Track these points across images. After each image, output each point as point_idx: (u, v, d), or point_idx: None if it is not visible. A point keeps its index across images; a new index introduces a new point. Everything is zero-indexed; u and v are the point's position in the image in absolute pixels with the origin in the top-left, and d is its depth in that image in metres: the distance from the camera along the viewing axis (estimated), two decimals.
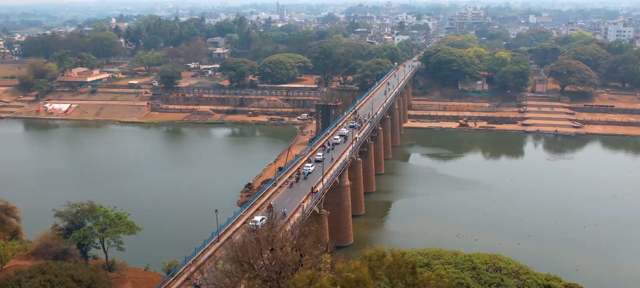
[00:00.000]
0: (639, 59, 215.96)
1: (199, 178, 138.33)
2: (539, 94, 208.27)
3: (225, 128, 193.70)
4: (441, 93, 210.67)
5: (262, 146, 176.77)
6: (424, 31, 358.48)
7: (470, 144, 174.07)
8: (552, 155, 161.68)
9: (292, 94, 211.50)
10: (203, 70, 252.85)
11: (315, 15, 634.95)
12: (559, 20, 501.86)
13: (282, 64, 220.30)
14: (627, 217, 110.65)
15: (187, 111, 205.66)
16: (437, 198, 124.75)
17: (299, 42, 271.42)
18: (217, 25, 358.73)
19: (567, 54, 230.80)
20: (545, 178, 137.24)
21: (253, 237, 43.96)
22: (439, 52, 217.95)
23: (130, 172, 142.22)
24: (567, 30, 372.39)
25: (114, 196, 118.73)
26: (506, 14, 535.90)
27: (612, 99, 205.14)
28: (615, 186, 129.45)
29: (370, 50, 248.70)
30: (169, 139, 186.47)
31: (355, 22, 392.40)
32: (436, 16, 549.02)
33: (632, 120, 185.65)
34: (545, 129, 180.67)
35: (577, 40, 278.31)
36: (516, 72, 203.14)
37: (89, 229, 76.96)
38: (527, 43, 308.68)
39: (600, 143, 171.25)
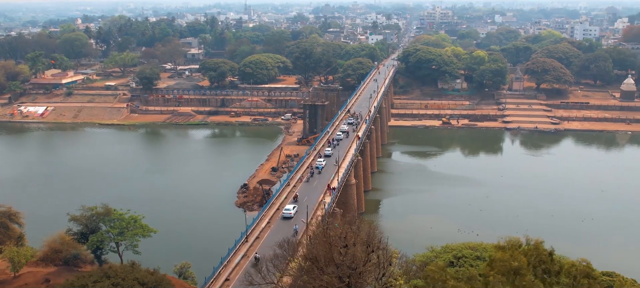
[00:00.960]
0: (609, 57, 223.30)
1: (191, 180, 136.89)
2: (516, 92, 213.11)
3: (208, 129, 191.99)
4: (421, 92, 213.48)
5: (248, 147, 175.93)
6: (396, 31, 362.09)
7: (455, 142, 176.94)
8: (536, 151, 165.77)
9: (273, 94, 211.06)
10: (180, 71, 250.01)
11: (283, 15, 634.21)
12: (522, 19, 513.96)
13: (262, 64, 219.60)
14: (620, 210, 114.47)
15: (168, 112, 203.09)
16: (431, 195, 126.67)
17: (276, 42, 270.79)
18: (188, 25, 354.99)
19: (540, 53, 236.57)
20: (534, 174, 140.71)
21: (325, 234, 44.19)
22: (418, 51, 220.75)
23: (119, 175, 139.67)
24: (534, 29, 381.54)
25: (106, 200, 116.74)
26: (472, 13, 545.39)
27: (586, 96, 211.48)
28: (601, 181, 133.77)
29: (348, 50, 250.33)
30: (152, 141, 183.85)
31: (327, 22, 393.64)
32: (403, 16, 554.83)
33: (607, 116, 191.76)
34: (525, 125, 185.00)
35: (547, 39, 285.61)
36: (494, 70, 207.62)
37: (106, 233, 75.51)
38: (497, 42, 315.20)
39: (579, 139, 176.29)
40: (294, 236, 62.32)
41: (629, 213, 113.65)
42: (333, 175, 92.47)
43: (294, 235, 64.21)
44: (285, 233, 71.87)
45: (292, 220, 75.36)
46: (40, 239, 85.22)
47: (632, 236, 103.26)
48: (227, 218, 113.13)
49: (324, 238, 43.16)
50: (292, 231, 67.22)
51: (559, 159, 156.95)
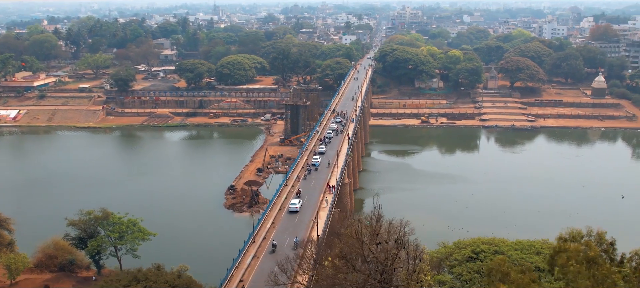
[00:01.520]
0: (580, 55, 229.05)
1: (176, 183, 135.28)
2: (491, 90, 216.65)
3: (187, 131, 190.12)
4: (399, 91, 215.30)
5: (230, 148, 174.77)
6: (368, 31, 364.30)
7: (435, 140, 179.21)
8: (515, 148, 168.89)
9: (252, 94, 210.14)
10: (154, 72, 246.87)
11: (252, 15, 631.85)
12: (489, 19, 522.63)
13: (240, 65, 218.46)
14: (602, 206, 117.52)
15: (145, 115, 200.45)
16: (418, 193, 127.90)
17: (251, 42, 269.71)
18: (160, 26, 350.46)
19: (513, 52, 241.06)
20: (516, 171, 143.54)
21: (355, 231, 44.40)
22: (395, 51, 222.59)
23: (101, 180, 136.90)
24: (503, 28, 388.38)
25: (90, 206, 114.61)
26: (440, 13, 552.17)
27: (558, 93, 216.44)
28: (580, 176, 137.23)
29: (324, 50, 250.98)
30: (132, 144, 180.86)
31: (300, 23, 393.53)
32: (373, 16, 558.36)
33: (580, 113, 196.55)
34: (502, 123, 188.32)
35: (518, 38, 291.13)
36: (470, 69, 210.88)
37: (106, 237, 74.24)
38: (468, 41, 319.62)
39: (555, 136, 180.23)
40: (296, 249, 60.97)
41: (611, 207, 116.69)
42: (329, 174, 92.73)
43: (296, 247, 62.15)
44: (292, 226, 72.32)
45: (298, 213, 77.55)
46: (28, 245, 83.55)
47: (620, 230, 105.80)
48: (218, 220, 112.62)
49: (355, 235, 43.44)
50: (293, 243, 65.05)
51: (538, 156, 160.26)
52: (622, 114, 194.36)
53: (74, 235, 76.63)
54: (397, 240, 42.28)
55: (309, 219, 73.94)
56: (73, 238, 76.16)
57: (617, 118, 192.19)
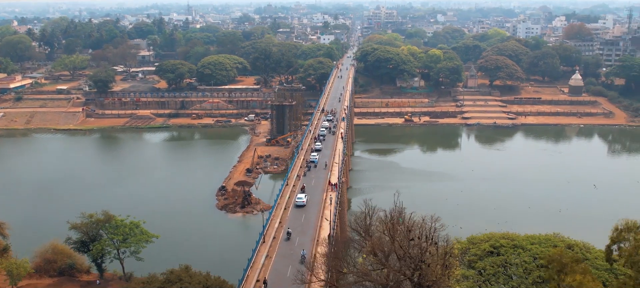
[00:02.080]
0: (556, 54, 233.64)
1: (165, 185, 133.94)
2: (472, 89, 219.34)
3: (170, 132, 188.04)
4: (381, 90, 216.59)
5: (216, 149, 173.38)
6: (346, 31, 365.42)
7: (420, 138, 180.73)
8: (498, 145, 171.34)
9: (234, 95, 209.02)
10: (133, 73, 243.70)
11: (225, 15, 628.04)
12: (462, 18, 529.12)
13: (221, 65, 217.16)
14: (589, 200, 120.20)
15: (126, 116, 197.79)
16: (408, 191, 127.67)
17: (230, 43, 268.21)
18: (135, 27, 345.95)
19: (491, 51, 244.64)
20: (502, 168, 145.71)
21: (386, 228, 44.69)
22: (377, 50, 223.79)
23: (88, 183, 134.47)
24: (477, 28, 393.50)
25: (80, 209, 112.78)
26: (414, 13, 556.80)
27: (537, 91, 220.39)
28: (565, 172, 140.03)
29: (304, 50, 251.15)
30: (115, 146, 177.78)
31: (277, 23, 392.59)
32: (347, 16, 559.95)
33: (559, 110, 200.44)
34: (484, 121, 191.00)
35: (494, 38, 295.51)
36: (451, 68, 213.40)
37: (109, 240, 73.14)
38: (444, 41, 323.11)
39: (536, 133, 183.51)
40: (302, 263, 60.22)
41: (597, 202, 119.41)
42: (329, 173, 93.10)
43: (302, 261, 60.38)
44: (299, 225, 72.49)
45: (304, 207, 79.38)
46: (21, 250, 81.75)
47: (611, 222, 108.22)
48: (211, 221, 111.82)
49: (389, 232, 43.78)
50: (299, 257, 62.76)
51: (522, 153, 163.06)
52: (599, 110, 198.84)
53: (75, 239, 75.16)
54: (429, 236, 42.79)
55: (317, 216, 74.23)
56: (75, 242, 74.76)
57: (595, 115, 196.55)
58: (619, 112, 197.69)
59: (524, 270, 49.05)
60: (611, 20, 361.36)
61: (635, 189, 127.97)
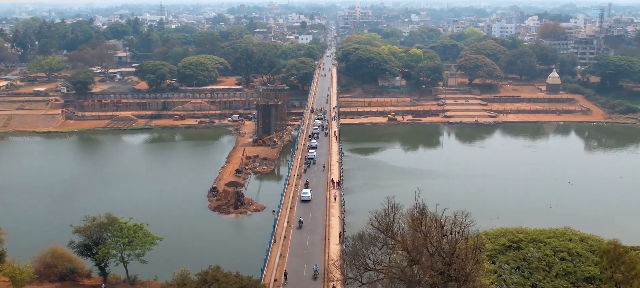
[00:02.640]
0: (533, 53, 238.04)
1: (154, 186, 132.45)
2: (452, 88, 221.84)
3: (153, 133, 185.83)
4: (363, 90, 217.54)
5: (201, 150, 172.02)
6: (323, 30, 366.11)
7: (404, 137, 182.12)
8: (482, 143, 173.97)
9: (216, 95, 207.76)
10: (111, 74, 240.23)
11: (199, 15, 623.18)
12: (435, 18, 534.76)
13: (203, 66, 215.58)
14: (576, 196, 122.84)
15: (107, 118, 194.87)
16: (398, 190, 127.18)
17: (209, 43, 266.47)
18: (110, 27, 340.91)
19: (469, 50, 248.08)
20: (488, 165, 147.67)
21: (418, 224, 45.13)
22: (358, 50, 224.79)
23: (76, 186, 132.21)
24: (452, 27, 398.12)
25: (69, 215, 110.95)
26: (389, 13, 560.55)
27: (515, 89, 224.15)
28: (550, 168, 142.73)
29: (284, 50, 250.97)
30: (97, 149, 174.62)
31: (253, 23, 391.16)
32: (321, 16, 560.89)
33: (538, 108, 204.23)
34: (466, 119, 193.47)
35: (471, 37, 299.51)
36: (432, 67, 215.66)
37: (114, 243, 72.10)
38: (420, 40, 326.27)
39: (518, 130, 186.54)
40: (316, 279, 59.94)
41: (584, 197, 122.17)
42: (328, 172, 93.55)
43: (315, 277, 59.57)
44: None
45: (309, 202, 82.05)
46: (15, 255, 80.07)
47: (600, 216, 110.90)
48: (205, 223, 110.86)
49: (421, 228, 44.28)
50: (312, 271, 61.67)
51: (506, 150, 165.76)
52: (577, 108, 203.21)
53: (78, 243, 73.89)
54: (461, 232, 43.42)
55: (323, 213, 74.67)
56: (78, 246, 73.48)
57: (573, 112, 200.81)
58: (596, 109, 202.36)
59: (547, 263, 50.06)
60: (582, 20, 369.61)
61: (620, 184, 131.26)
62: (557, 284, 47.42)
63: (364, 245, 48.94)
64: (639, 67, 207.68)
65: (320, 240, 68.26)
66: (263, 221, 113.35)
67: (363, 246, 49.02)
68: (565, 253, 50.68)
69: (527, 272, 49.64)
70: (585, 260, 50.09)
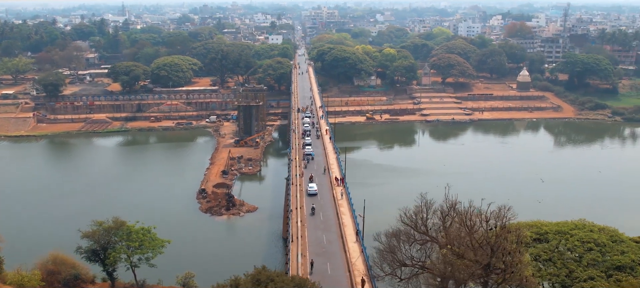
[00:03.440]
0: (503, 51, 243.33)
1: (140, 189, 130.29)
2: (426, 86, 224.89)
3: (130, 136, 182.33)
4: (339, 89, 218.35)
5: (183, 152, 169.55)
6: (292, 30, 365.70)
7: (384, 136, 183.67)
8: (460, 140, 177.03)
9: (192, 96, 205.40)
10: (80, 76, 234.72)
11: (161, 16, 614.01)
12: (399, 18, 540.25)
13: (177, 67, 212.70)
14: (562, 191, 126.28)
15: (80, 121, 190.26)
16: (387, 188, 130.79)
17: (180, 43, 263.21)
18: (75, 28, 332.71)
19: (440, 49, 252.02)
20: (471, 162, 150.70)
21: (463, 220, 45.84)
22: (333, 50, 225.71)
23: (59, 192, 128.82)
24: (419, 27, 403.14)
25: (54, 221, 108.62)
26: (354, 13, 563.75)
27: (487, 88, 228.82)
28: (531, 165, 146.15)
29: (257, 50, 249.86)
30: (74, 152, 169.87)
31: (221, 23, 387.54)
32: (286, 16, 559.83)
33: (511, 106, 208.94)
34: (443, 117, 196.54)
35: (439, 36, 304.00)
36: (407, 66, 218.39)
37: (124, 247, 70.68)
38: (389, 40, 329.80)
39: (493, 127, 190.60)
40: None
41: (570, 191, 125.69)
42: (328, 173, 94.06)
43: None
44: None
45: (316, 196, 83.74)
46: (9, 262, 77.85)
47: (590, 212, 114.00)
48: (199, 225, 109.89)
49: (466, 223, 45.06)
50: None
51: (485, 147, 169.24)
52: (548, 105, 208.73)
53: (85, 248, 72.17)
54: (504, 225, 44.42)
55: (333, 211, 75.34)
56: (86, 251, 71.77)
57: (545, 109, 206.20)
58: (566, 105, 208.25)
59: (578, 254, 51.63)
60: (544, 19, 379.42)
61: (600, 179, 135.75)
62: (591, 273, 49.03)
63: (401, 242, 49.46)
64: (606, 65, 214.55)
65: (336, 239, 68.50)
66: (257, 222, 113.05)
67: (399, 243, 49.52)
68: (592, 244, 52.33)
69: (560, 263, 51.09)
70: (611, 249, 51.89)
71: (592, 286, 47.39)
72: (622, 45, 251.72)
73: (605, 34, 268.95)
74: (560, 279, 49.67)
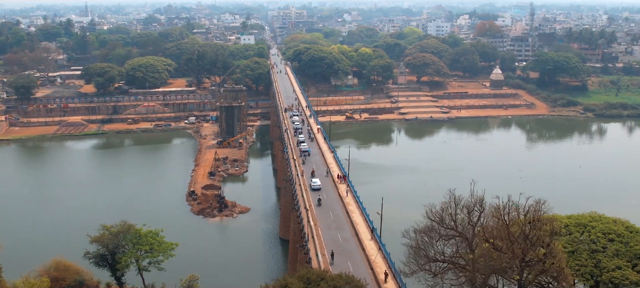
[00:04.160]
0: (475, 50, 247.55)
1: (127, 194, 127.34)
2: (401, 85, 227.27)
3: (107, 138, 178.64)
4: (317, 89, 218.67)
5: (164, 154, 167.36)
6: (262, 31, 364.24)
7: (365, 134, 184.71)
8: (440, 137, 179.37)
9: (169, 98, 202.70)
10: (51, 78, 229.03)
11: (125, 16, 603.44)
12: (366, 18, 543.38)
13: (153, 68, 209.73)
14: (548, 186, 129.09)
15: (55, 124, 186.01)
16: (377, 186, 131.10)
17: (152, 44, 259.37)
18: (40, 29, 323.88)
19: (414, 49, 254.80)
20: (456, 159, 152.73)
21: (501, 215, 46.72)
22: (310, 49, 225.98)
23: (41, 197, 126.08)
24: (388, 27, 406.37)
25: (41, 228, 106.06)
26: (322, 13, 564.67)
27: (461, 86, 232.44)
28: (515, 163, 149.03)
29: (232, 51, 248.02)
30: (52, 157, 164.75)
31: (191, 23, 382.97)
32: (253, 16, 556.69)
33: (486, 104, 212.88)
34: (421, 116, 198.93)
35: (411, 36, 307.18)
36: (384, 66, 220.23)
37: (135, 252, 69.43)
38: (359, 39, 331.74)
39: (470, 125, 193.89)
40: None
41: (556, 186, 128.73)
42: (329, 173, 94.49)
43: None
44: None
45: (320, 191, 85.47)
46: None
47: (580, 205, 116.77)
48: (192, 227, 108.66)
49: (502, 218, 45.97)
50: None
51: (466, 144, 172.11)
52: (522, 102, 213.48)
53: (93, 253, 70.69)
54: (539, 218, 45.50)
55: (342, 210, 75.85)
56: (95, 256, 70.29)
57: (519, 106, 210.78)
58: (539, 103, 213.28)
59: (602, 245, 53.19)
60: (510, 18, 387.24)
61: (582, 173, 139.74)
62: (618, 263, 50.59)
63: (432, 238, 50.18)
64: (575, 63, 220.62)
65: (351, 237, 68.77)
66: (251, 223, 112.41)
67: (430, 239, 50.22)
68: (613, 235, 53.98)
69: (586, 254, 52.59)
70: (630, 239, 53.66)
71: (621, 275, 49.00)
72: (589, 43, 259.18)
73: (572, 32, 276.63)
74: (588, 269, 51.19)
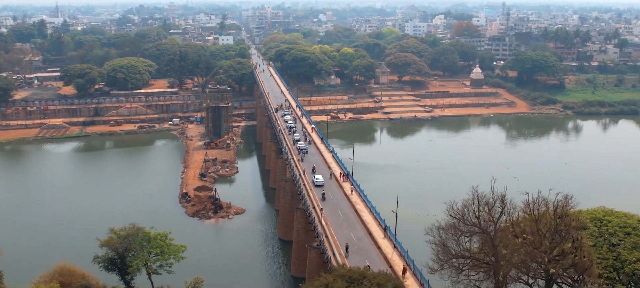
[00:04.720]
0: (454, 50, 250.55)
1: (117, 197, 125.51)
2: (384, 85, 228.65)
3: (90, 141, 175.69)
4: (300, 89, 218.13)
5: (151, 155, 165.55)
6: (240, 31, 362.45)
7: (350, 134, 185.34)
8: (425, 136, 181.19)
9: (152, 99, 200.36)
10: (28, 80, 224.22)
11: (95, 16, 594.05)
12: (341, 18, 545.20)
13: (134, 69, 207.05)
14: (538, 183, 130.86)
15: (35, 126, 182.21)
16: (373, 184, 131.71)
17: (130, 44, 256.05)
18: (12, 30, 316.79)
19: (394, 48, 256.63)
20: (442, 157, 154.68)
21: (531, 210, 47.54)
22: (292, 49, 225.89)
23: (30, 202, 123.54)
24: (365, 27, 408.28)
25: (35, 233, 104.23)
26: (297, 13, 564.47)
27: (442, 85, 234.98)
28: (503, 160, 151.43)
29: (212, 51, 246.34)
30: (35, 160, 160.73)
31: (167, 24, 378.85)
32: (228, 16, 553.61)
33: (467, 102, 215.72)
34: (405, 115, 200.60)
35: (389, 36, 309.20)
36: (366, 66, 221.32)
37: (146, 255, 68.66)
38: (337, 39, 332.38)
39: (454, 124, 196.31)
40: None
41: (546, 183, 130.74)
42: (333, 175, 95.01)
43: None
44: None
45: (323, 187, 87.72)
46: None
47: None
48: (189, 229, 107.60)
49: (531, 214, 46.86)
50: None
51: (451, 143, 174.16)
52: (503, 101, 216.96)
53: (102, 257, 69.70)
54: (567, 213, 46.52)
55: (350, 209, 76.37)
56: (103, 260, 69.31)
57: (500, 105, 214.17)
58: (519, 101, 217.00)
59: (619, 239, 54.58)
60: (484, 18, 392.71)
61: (568, 170, 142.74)
62: (638, 256, 52.00)
63: (454, 235, 50.91)
64: (553, 62, 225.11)
65: (364, 235, 69.20)
66: (248, 224, 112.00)
67: (455, 236, 50.93)
68: (629, 229, 55.43)
69: (606, 247, 53.94)
70: None
71: None
72: (564, 42, 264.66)
73: (548, 32, 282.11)
74: (610, 262, 52.51)
